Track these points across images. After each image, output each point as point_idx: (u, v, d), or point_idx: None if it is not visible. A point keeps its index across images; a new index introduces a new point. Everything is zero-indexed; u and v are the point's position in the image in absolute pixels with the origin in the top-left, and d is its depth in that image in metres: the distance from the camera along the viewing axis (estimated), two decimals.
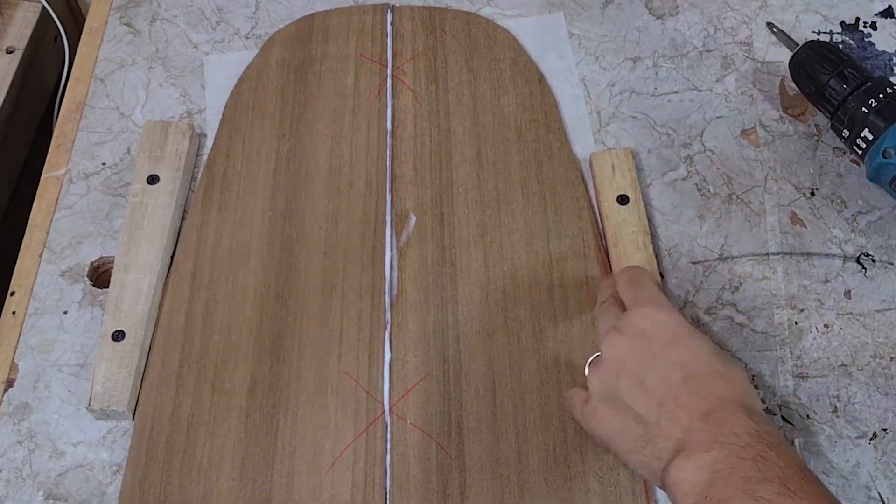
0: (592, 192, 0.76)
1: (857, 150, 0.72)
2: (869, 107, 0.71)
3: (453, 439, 0.64)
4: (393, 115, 0.80)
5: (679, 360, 0.57)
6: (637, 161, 0.77)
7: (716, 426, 0.53)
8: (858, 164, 0.76)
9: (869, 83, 0.72)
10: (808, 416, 0.66)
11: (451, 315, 0.69)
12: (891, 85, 0.71)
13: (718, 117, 0.80)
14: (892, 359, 0.68)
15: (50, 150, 0.81)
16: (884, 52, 0.83)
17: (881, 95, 0.71)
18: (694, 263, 0.73)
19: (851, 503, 0.63)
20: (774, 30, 0.79)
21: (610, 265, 0.71)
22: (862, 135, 0.71)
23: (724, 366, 0.57)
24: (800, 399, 0.66)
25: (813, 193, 0.76)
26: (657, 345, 0.58)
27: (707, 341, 0.59)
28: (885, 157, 0.70)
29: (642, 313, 0.60)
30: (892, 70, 0.82)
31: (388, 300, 0.70)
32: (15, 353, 0.70)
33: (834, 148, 0.78)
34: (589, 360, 0.62)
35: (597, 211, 0.75)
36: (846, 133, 0.72)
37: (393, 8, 0.87)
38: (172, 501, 0.63)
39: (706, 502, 0.50)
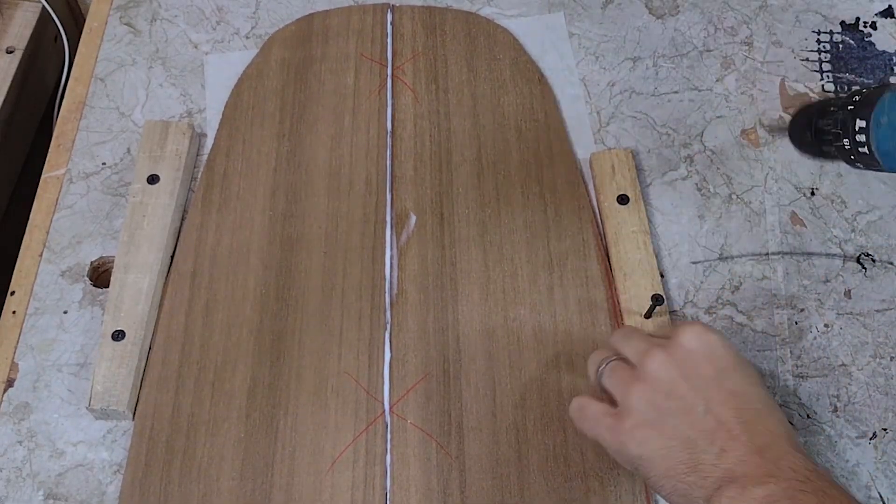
0: (592, 192, 0.76)
1: (861, 148, 0.70)
2: (853, 102, 0.70)
3: (453, 439, 0.64)
4: (393, 115, 0.80)
5: (733, 391, 0.55)
6: (637, 161, 0.77)
7: (772, 462, 0.52)
8: (878, 167, 0.71)
9: (854, 97, 0.70)
10: (808, 415, 0.66)
11: (452, 315, 0.69)
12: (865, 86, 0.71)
13: (718, 117, 0.80)
14: (892, 358, 0.68)
15: (50, 149, 0.81)
16: (884, 51, 0.83)
17: (857, 98, 0.70)
18: (694, 263, 0.73)
19: None
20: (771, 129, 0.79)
21: (610, 265, 0.71)
22: (857, 127, 0.70)
23: (772, 400, 0.56)
24: (800, 399, 0.66)
25: (813, 193, 0.76)
26: (711, 369, 0.56)
27: (756, 371, 0.58)
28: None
29: (694, 331, 0.58)
30: (893, 70, 0.82)
31: (388, 300, 0.70)
32: (15, 352, 0.70)
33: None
34: (600, 365, 0.60)
35: (597, 211, 0.75)
36: (847, 143, 0.71)
37: (393, 8, 0.87)
38: (172, 501, 0.63)
39: None
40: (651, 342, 0.59)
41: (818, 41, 0.84)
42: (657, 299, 0.67)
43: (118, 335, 0.68)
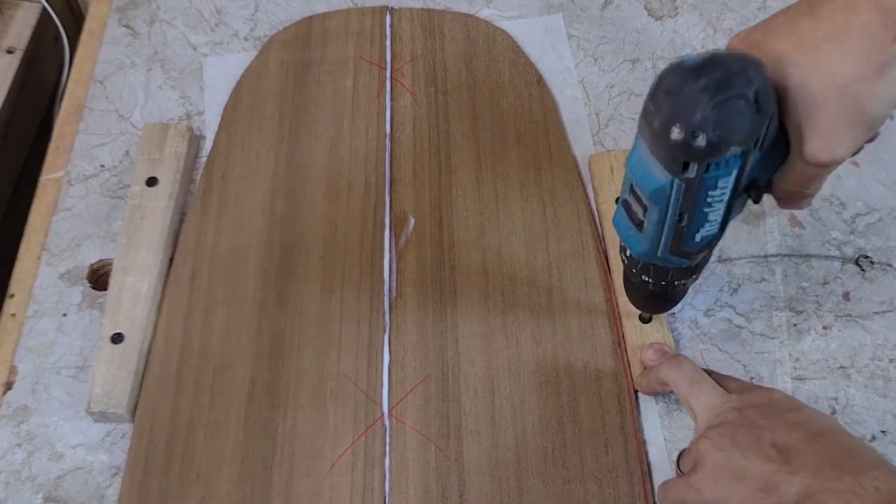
0: (591, 194, 0.76)
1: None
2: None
3: (452, 442, 0.64)
4: (392, 118, 0.80)
5: (798, 422, 0.54)
6: None
7: (851, 476, 0.49)
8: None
9: None
10: None
11: (450, 317, 0.69)
12: None
13: None
14: (890, 361, 0.68)
15: (49, 151, 0.81)
16: None
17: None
18: None
19: None
20: None
21: (609, 267, 0.71)
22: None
23: (842, 427, 0.55)
24: None
25: None
26: (776, 410, 0.56)
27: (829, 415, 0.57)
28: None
29: (758, 392, 0.58)
30: None
31: (386, 303, 0.70)
32: (14, 355, 0.70)
33: None
34: (678, 455, 0.60)
35: (596, 212, 0.75)
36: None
37: (392, 10, 0.86)
38: None
39: None
40: (719, 393, 0.59)
41: None
42: None
43: (117, 338, 0.68)
